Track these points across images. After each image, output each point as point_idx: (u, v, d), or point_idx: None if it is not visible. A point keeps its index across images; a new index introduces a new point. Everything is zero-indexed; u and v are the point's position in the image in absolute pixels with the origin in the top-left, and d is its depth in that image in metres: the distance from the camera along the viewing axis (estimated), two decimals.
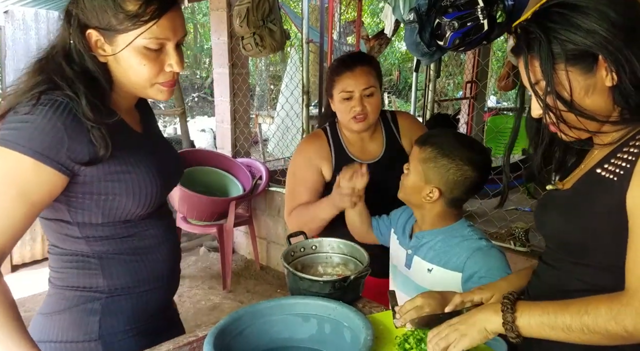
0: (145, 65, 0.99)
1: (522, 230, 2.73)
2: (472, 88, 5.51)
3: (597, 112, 0.86)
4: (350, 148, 1.68)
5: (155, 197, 1.08)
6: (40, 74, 0.98)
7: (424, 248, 1.32)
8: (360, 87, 1.55)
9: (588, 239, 0.89)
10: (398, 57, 13.73)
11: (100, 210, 1.03)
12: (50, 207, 1.02)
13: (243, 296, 3.47)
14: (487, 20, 2.27)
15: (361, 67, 1.56)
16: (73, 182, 0.99)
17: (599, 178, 0.89)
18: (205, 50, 13.57)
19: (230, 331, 1.02)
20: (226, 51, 3.84)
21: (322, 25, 3.66)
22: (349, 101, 1.56)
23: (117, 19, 0.94)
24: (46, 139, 0.92)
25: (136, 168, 1.04)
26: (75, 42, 0.98)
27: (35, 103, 0.93)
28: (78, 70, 0.98)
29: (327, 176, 1.68)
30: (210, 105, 3.64)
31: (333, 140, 1.69)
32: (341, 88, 1.56)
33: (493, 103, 11.55)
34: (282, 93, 6.04)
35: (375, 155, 1.68)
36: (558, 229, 0.96)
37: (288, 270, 1.20)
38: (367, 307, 1.22)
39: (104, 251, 1.07)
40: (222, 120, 4.10)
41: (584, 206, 0.90)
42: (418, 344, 1.01)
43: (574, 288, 0.92)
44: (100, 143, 0.96)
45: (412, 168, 1.30)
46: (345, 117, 1.60)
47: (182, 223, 3.56)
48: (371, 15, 10.95)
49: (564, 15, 0.84)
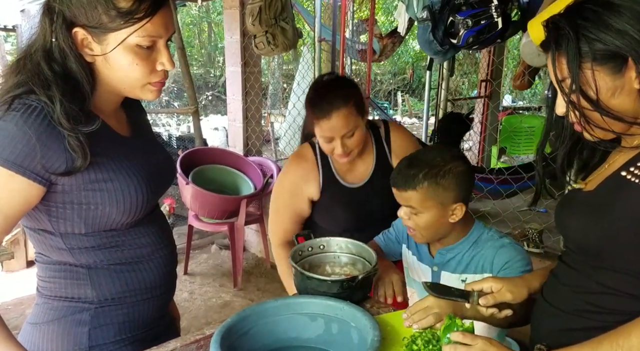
0: (138, 64, 0.94)
1: (536, 231, 2.69)
2: (487, 87, 5.44)
3: (624, 113, 0.83)
4: (338, 169, 1.65)
5: (141, 205, 1.02)
6: (16, 76, 0.92)
7: (452, 263, 1.34)
8: (340, 133, 1.47)
9: (609, 242, 0.87)
10: (412, 55, 13.64)
11: (83, 220, 0.98)
12: (32, 217, 0.98)
13: (254, 294, 3.48)
14: (502, 18, 2.24)
15: (337, 113, 1.43)
16: (52, 191, 0.94)
17: (623, 181, 0.87)
18: (219, 49, 13.63)
19: (237, 330, 1.02)
20: (239, 50, 3.84)
21: (334, 24, 3.65)
22: (330, 143, 1.51)
23: (108, 17, 0.89)
24: (18, 147, 0.86)
25: (119, 175, 0.98)
26: (58, 40, 0.91)
27: (7, 109, 0.88)
28: (59, 71, 0.92)
29: (314, 196, 1.65)
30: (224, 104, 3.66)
31: (321, 159, 1.65)
32: (319, 134, 1.51)
33: (508, 102, 11.43)
34: (293, 92, 6.04)
35: (363, 177, 1.65)
36: (578, 230, 0.94)
37: (296, 269, 1.20)
38: (375, 307, 1.21)
39: (91, 262, 1.02)
40: (234, 119, 4.11)
41: (607, 209, 0.88)
42: (426, 345, 0.99)
43: (593, 290, 0.90)
44: (78, 152, 0.90)
45: (422, 208, 1.26)
46: (328, 152, 1.56)
47: (193, 221, 3.59)
48: (385, 13, 10.89)
49: (597, 13, 0.81)
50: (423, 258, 1.42)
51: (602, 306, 0.89)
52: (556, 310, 0.96)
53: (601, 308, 0.89)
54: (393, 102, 14.40)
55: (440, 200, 1.25)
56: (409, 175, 1.26)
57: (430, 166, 1.25)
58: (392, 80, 14.83)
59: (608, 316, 0.87)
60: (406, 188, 1.26)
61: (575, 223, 0.94)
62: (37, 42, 0.93)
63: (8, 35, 6.58)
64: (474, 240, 1.33)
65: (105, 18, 0.89)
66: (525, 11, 2.35)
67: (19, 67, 0.93)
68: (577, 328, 0.91)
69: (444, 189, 1.24)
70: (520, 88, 5.16)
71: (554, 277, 1.01)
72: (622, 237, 0.85)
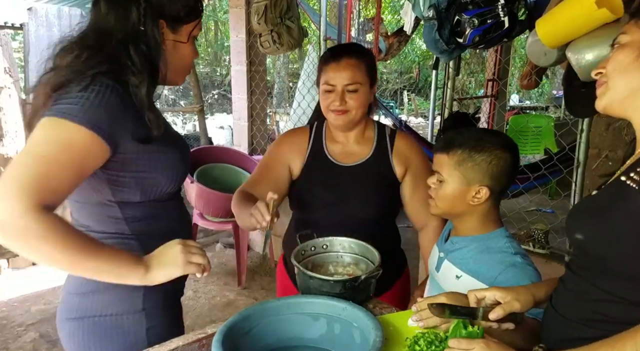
0: (193, 51, 1.18)
1: (542, 231, 2.67)
2: (493, 86, 5.42)
3: None
4: (331, 147, 1.57)
5: (182, 175, 1.19)
6: (94, 53, 1.04)
7: (457, 254, 1.29)
8: (343, 82, 1.44)
9: (609, 247, 0.86)
10: (418, 54, 13.61)
11: (140, 187, 1.11)
12: (94, 189, 1.09)
13: (258, 293, 3.49)
14: (508, 17, 2.23)
15: (348, 60, 1.45)
16: (114, 160, 1.05)
17: (622, 185, 0.86)
18: (225, 48, 13.67)
19: (238, 329, 1.02)
20: (244, 48, 3.85)
21: (340, 22, 3.64)
22: (330, 94, 1.47)
23: (184, 11, 1.11)
24: (100, 114, 0.99)
25: (168, 148, 1.15)
26: (147, 28, 1.06)
27: (89, 84, 0.99)
28: (146, 56, 1.07)
29: (295, 172, 1.57)
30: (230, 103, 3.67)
31: (315, 136, 1.59)
32: (324, 80, 1.48)
33: (515, 102, 11.38)
34: (299, 90, 6.04)
35: (357, 159, 1.55)
36: (580, 234, 0.93)
37: (298, 269, 1.19)
38: (378, 308, 1.20)
39: (142, 231, 1.14)
40: (239, 117, 4.11)
41: (606, 213, 0.87)
42: (428, 346, 0.99)
43: (595, 297, 0.89)
44: (154, 124, 1.07)
45: (447, 176, 1.24)
46: (325, 110, 1.51)
47: (198, 220, 3.59)
48: (391, 12, 10.86)
49: None
50: (440, 241, 1.39)
51: (607, 314, 0.87)
52: (562, 318, 0.95)
53: (605, 316, 0.87)
54: (399, 101, 14.38)
55: (466, 175, 1.22)
56: (450, 140, 1.25)
57: (474, 139, 1.23)
58: (398, 79, 14.81)
59: (614, 326, 0.85)
60: (442, 151, 1.24)
61: (576, 226, 0.94)
62: (121, 30, 1.06)
63: (16, 33, 6.62)
64: (488, 242, 1.26)
65: (182, 12, 1.11)
66: (532, 10, 2.33)
67: (95, 46, 1.05)
68: (582, 338, 0.89)
69: (474, 164, 1.21)
70: (527, 88, 5.13)
71: (562, 284, 1.00)
72: (621, 242, 0.84)
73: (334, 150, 1.58)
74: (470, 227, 1.28)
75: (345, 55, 1.47)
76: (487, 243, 1.25)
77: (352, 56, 1.47)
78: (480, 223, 1.28)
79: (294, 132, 1.67)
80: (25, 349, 2.77)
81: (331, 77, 1.46)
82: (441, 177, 1.25)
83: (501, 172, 1.22)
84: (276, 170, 1.58)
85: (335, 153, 1.57)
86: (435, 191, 1.27)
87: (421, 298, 1.08)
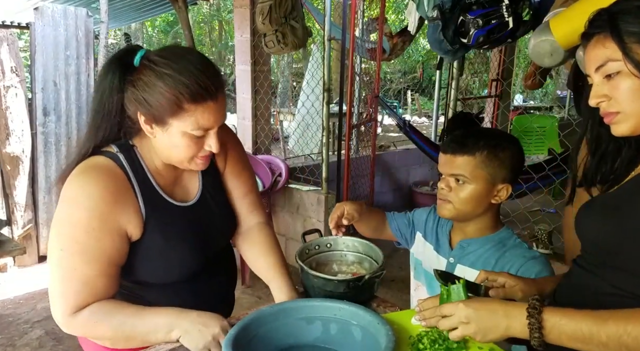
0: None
1: (545, 232, 2.68)
2: (497, 86, 5.40)
3: None
4: (162, 183, 1.17)
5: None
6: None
7: (470, 257, 1.28)
8: (221, 121, 1.12)
9: (621, 241, 0.87)
10: (422, 54, 13.59)
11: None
12: None
13: (261, 291, 3.50)
14: (512, 18, 2.23)
15: (222, 94, 1.09)
16: None
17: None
18: (229, 48, 13.67)
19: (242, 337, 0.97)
20: (248, 48, 3.86)
21: (344, 22, 3.64)
22: (200, 140, 1.11)
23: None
24: None
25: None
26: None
27: None
28: None
29: (135, 235, 1.11)
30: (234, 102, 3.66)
31: (134, 174, 1.12)
32: (195, 123, 1.07)
33: (519, 102, 11.34)
34: (303, 90, 6.05)
35: (194, 191, 1.24)
36: (593, 228, 0.94)
37: (302, 268, 1.20)
38: (382, 307, 1.21)
39: None
40: (243, 117, 4.13)
41: (623, 209, 0.88)
42: (432, 344, 0.99)
43: (607, 292, 0.89)
44: None
45: (472, 177, 1.21)
46: (189, 156, 1.13)
47: None
48: (395, 12, 10.85)
49: None
50: (441, 248, 1.37)
51: (613, 308, 0.88)
52: None
53: None
54: (403, 101, 14.36)
55: (492, 174, 1.21)
56: (468, 141, 1.22)
57: (491, 137, 1.23)
58: (402, 79, 14.79)
59: None
60: (463, 153, 1.21)
61: (590, 221, 0.95)
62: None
63: (22, 32, 6.66)
64: (501, 241, 1.27)
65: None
66: (537, 11, 2.33)
67: None
68: None
69: (500, 163, 1.21)
70: (531, 88, 5.12)
71: (566, 279, 1.01)
72: (634, 237, 0.84)
73: (167, 187, 1.20)
74: (483, 227, 1.29)
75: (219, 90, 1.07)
76: (501, 241, 1.27)
77: (223, 87, 1.09)
78: (492, 223, 1.30)
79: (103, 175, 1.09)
80: (31, 346, 2.79)
81: (207, 117, 1.06)
82: (462, 178, 1.23)
83: (517, 166, 1.25)
84: (115, 252, 1.10)
85: (172, 191, 1.21)
86: (454, 194, 1.24)
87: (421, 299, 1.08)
